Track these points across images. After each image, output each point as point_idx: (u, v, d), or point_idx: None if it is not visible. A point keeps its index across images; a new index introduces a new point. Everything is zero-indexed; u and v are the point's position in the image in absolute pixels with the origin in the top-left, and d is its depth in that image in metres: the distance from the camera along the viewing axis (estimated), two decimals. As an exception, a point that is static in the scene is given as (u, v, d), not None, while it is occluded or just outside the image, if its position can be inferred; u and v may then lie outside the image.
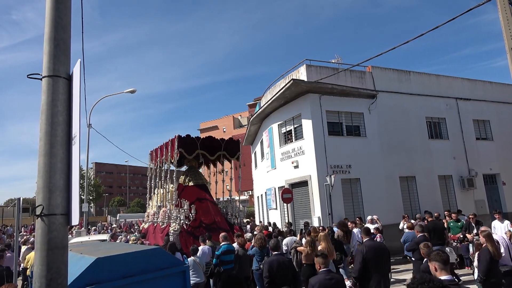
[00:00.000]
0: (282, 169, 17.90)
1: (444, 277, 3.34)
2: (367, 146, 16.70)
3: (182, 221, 11.73)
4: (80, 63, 2.56)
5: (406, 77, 18.84)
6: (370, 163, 16.42)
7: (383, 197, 16.23)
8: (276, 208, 18.87)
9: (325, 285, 4.42)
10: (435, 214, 13.77)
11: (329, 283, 4.44)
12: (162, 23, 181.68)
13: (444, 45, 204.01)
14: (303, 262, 5.99)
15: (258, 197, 25.38)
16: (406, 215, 14.90)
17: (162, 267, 4.35)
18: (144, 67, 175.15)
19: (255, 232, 11.81)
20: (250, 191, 48.59)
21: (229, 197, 14.76)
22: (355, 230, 11.96)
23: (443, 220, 12.60)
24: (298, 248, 8.31)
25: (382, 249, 5.94)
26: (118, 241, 13.11)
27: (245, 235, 10.34)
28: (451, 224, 12.21)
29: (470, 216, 11.96)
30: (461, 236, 11.53)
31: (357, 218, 14.16)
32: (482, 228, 7.95)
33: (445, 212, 13.52)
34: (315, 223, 14.87)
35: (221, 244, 8.58)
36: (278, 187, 18.28)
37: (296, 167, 16.66)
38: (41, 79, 2.64)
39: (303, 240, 9.35)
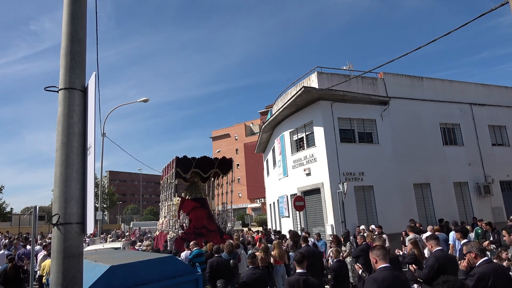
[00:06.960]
0: (294, 176, 17.84)
1: (298, 270, 5.04)
2: (380, 153, 16.54)
3: (177, 229, 13.26)
4: (95, 75, 2.63)
5: (419, 83, 18.67)
6: (384, 170, 16.24)
7: (397, 205, 16.00)
8: (288, 216, 18.78)
9: (250, 278, 5.75)
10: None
11: (253, 276, 5.78)
12: (177, 31, 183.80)
13: (460, 49, 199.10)
14: (260, 265, 7.24)
15: (270, 204, 25.30)
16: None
17: (175, 275, 4.39)
18: (158, 75, 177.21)
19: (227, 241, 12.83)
20: (263, 199, 48.44)
21: (223, 208, 15.94)
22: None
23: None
24: (256, 253, 9.39)
25: (315, 253, 7.85)
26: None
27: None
28: (479, 231, 12.02)
29: (483, 225, 11.83)
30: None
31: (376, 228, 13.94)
32: (410, 236, 9.15)
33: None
34: (328, 231, 14.75)
35: (193, 250, 9.76)
36: (290, 195, 18.21)
37: (308, 174, 16.59)
38: (57, 92, 2.72)
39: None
